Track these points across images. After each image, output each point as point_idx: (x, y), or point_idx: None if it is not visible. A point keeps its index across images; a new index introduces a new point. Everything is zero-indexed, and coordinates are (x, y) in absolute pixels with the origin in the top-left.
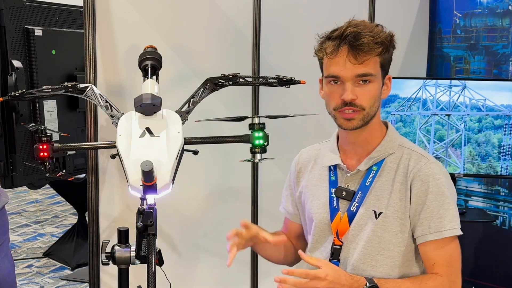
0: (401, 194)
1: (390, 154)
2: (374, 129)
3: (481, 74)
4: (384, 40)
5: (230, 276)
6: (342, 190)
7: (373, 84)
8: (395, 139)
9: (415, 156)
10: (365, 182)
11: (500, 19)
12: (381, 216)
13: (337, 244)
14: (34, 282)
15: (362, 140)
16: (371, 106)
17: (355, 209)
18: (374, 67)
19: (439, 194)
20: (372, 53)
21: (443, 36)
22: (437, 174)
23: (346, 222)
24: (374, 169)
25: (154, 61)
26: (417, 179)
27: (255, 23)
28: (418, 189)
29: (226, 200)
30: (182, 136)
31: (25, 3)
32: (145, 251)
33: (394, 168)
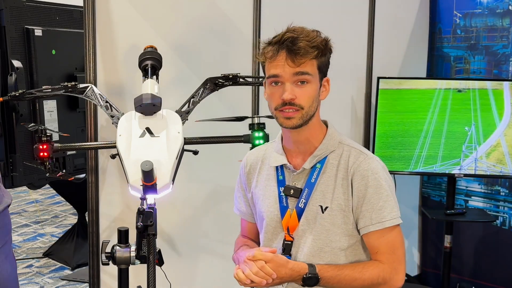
0: (344, 188)
1: (331, 151)
2: (314, 128)
3: (481, 74)
4: (319, 44)
5: (230, 276)
6: (290, 188)
7: (311, 85)
8: (335, 137)
9: (354, 152)
10: (310, 179)
11: (500, 19)
12: (327, 210)
13: (288, 240)
14: (34, 282)
15: (304, 139)
16: (309, 106)
17: (303, 205)
18: (311, 69)
19: (377, 187)
20: (308, 56)
21: (443, 36)
22: (375, 168)
23: (296, 218)
24: (318, 167)
25: (154, 61)
26: (357, 174)
27: (255, 24)
28: (358, 183)
29: (226, 200)
30: (182, 136)
31: (25, 3)
32: (145, 251)
33: (336, 164)
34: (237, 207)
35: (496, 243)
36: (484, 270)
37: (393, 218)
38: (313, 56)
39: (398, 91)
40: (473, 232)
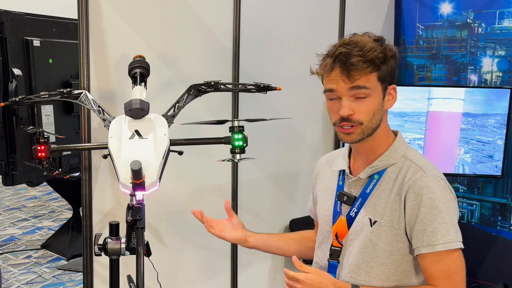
0: (396, 205)
1: (392, 164)
2: (378, 138)
3: (442, 81)
4: (374, 58)
5: (212, 265)
6: (343, 195)
7: (370, 99)
8: (400, 149)
9: (413, 168)
10: (365, 190)
11: (459, 31)
12: (375, 224)
13: (336, 245)
14: (33, 272)
15: (366, 150)
16: (369, 120)
17: (354, 215)
18: (369, 83)
19: (432, 207)
20: (362, 72)
21: (407, 46)
22: (432, 187)
23: (345, 225)
24: (376, 178)
25: (142, 69)
26: (411, 192)
27: (235, 35)
28: (412, 201)
29: (208, 196)
30: (168, 138)
31: (25, 16)
32: (134, 243)
33: (394, 178)
34: (309, 206)
35: None
36: None
37: (446, 242)
38: (368, 71)
39: None
40: None
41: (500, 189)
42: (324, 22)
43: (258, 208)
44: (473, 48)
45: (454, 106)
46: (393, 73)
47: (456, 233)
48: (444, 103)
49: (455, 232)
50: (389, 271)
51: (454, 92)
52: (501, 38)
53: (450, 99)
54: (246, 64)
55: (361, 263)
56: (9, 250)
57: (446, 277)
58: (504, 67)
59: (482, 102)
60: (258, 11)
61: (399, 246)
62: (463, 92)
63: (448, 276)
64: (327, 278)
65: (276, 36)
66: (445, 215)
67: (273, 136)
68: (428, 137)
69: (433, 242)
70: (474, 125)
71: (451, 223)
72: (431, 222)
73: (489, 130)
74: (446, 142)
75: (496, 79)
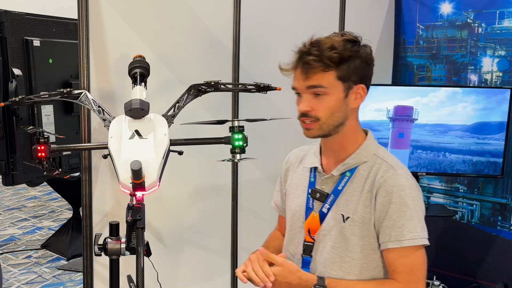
0: (367, 201)
1: (363, 162)
2: (347, 136)
3: (442, 81)
4: (328, 58)
5: (212, 265)
6: (316, 192)
7: (328, 96)
8: (371, 148)
9: (384, 166)
10: (337, 187)
11: (459, 31)
12: (348, 220)
13: (308, 241)
14: (33, 272)
15: (336, 147)
16: (328, 117)
17: (326, 211)
18: (326, 81)
19: (401, 204)
20: (317, 71)
21: (407, 46)
22: (402, 185)
23: (318, 221)
24: (347, 175)
25: (142, 69)
26: (382, 189)
27: (235, 35)
28: (382, 198)
29: (208, 197)
30: (168, 138)
31: (25, 16)
32: (134, 243)
33: (365, 176)
34: (274, 200)
35: (455, 236)
36: (444, 260)
37: (413, 239)
38: (321, 69)
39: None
40: (434, 225)
41: (500, 189)
42: (324, 22)
43: (258, 208)
44: (473, 48)
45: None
46: (360, 73)
47: (422, 230)
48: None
49: (421, 229)
50: (362, 265)
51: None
52: (501, 38)
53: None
54: (246, 64)
55: (335, 258)
56: (9, 250)
57: (408, 273)
58: (504, 67)
59: (482, 102)
60: (258, 11)
61: (371, 241)
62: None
63: (411, 271)
64: (293, 271)
65: (276, 36)
66: (413, 213)
67: (273, 136)
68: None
69: (400, 237)
70: (474, 125)
71: (418, 220)
72: (399, 219)
73: (489, 130)
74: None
75: (496, 79)
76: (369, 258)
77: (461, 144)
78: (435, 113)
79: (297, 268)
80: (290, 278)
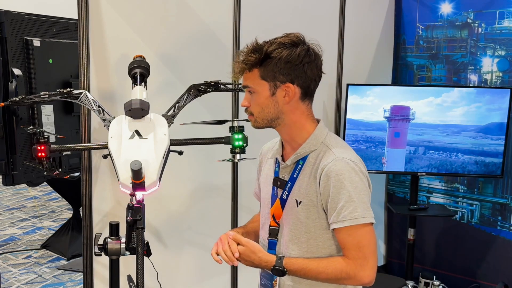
0: (315, 186)
1: (313, 150)
2: (291, 129)
3: (442, 81)
4: (245, 60)
5: (212, 265)
6: (277, 180)
7: (256, 94)
8: (319, 137)
9: (328, 153)
10: (293, 174)
11: (459, 31)
12: (300, 204)
13: (273, 225)
14: (33, 272)
15: (286, 138)
16: (259, 112)
17: (285, 197)
18: (251, 81)
19: (340, 187)
20: (242, 71)
21: (407, 46)
22: (340, 170)
23: (280, 207)
24: (301, 163)
25: (142, 69)
26: (324, 175)
27: (235, 35)
28: (324, 183)
29: (208, 197)
30: (168, 138)
31: (25, 16)
32: (134, 243)
33: (313, 162)
34: (254, 190)
35: (455, 236)
36: (444, 260)
37: (354, 218)
38: (243, 70)
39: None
40: (435, 225)
41: (500, 189)
42: (324, 22)
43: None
44: (473, 48)
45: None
46: (285, 73)
47: (363, 210)
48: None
49: (362, 209)
50: (317, 244)
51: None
52: (501, 38)
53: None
54: None
55: (293, 239)
56: (9, 250)
57: (356, 249)
58: (504, 67)
59: (482, 102)
60: (258, 11)
61: (321, 223)
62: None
63: (358, 248)
64: (255, 251)
65: (276, 36)
66: (352, 194)
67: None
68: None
69: (342, 218)
70: (474, 124)
71: (358, 201)
72: (339, 201)
73: (489, 130)
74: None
75: (496, 79)
76: (323, 237)
77: (474, 145)
78: (449, 114)
79: (259, 248)
80: (252, 258)
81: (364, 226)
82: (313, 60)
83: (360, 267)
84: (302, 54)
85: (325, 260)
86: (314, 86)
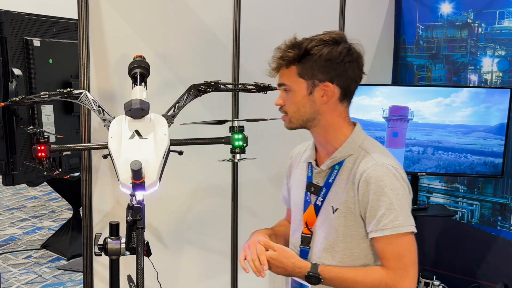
0: (353, 192)
1: (350, 155)
2: (327, 131)
3: (442, 81)
4: (284, 56)
5: (212, 265)
6: (311, 186)
7: (292, 93)
8: (357, 140)
9: (367, 158)
10: (328, 179)
11: (459, 31)
12: (337, 211)
13: (305, 233)
14: (33, 272)
15: (321, 141)
16: (294, 111)
17: (320, 203)
18: (287, 78)
19: (381, 194)
20: (279, 68)
21: (407, 46)
22: (381, 176)
23: (313, 214)
24: (337, 168)
25: (142, 69)
26: (362, 181)
27: (235, 35)
28: (363, 189)
29: (208, 197)
30: (168, 138)
31: (25, 16)
32: (134, 243)
33: (350, 168)
34: (282, 195)
35: (455, 236)
36: (444, 260)
37: (395, 227)
38: (283, 66)
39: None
40: (435, 225)
41: (500, 189)
42: (324, 22)
43: (258, 208)
44: (473, 48)
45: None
46: (326, 71)
47: (405, 218)
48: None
49: (404, 217)
50: (353, 254)
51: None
52: (501, 38)
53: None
54: (246, 64)
55: (327, 248)
56: (9, 250)
57: (396, 259)
58: (504, 67)
59: (482, 102)
60: (258, 11)
61: (359, 231)
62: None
63: (398, 258)
64: (288, 256)
65: (276, 36)
66: (394, 201)
67: (273, 136)
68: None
69: (382, 227)
70: (474, 125)
71: (400, 209)
72: (380, 208)
73: (489, 130)
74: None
75: (496, 79)
76: (360, 247)
77: (484, 145)
78: (458, 114)
79: (292, 254)
80: (285, 263)
81: (405, 235)
82: (355, 60)
83: (400, 278)
84: (344, 52)
85: (363, 269)
86: (354, 87)
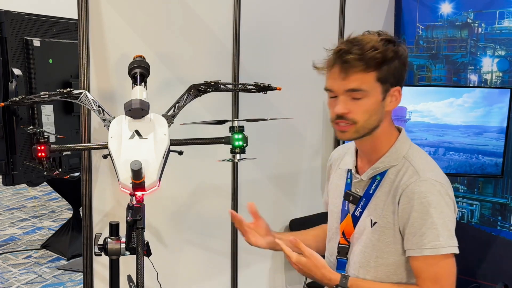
0: (393, 206)
1: (392, 166)
2: (379, 139)
3: (442, 81)
4: (371, 57)
5: (212, 265)
6: (349, 195)
7: (367, 99)
8: (401, 150)
9: (410, 171)
10: (369, 190)
11: (459, 31)
12: (375, 225)
13: (343, 243)
14: (33, 272)
15: (368, 149)
16: (366, 120)
17: (358, 214)
18: (365, 84)
19: (423, 212)
20: (358, 71)
21: (407, 46)
22: (424, 192)
23: (351, 224)
24: (378, 179)
25: (142, 69)
26: (404, 195)
27: (235, 35)
28: (404, 205)
29: (208, 197)
30: (168, 138)
31: (25, 16)
32: (134, 243)
33: (392, 180)
34: (324, 199)
35: None
36: None
37: (434, 248)
38: (362, 70)
39: None
40: None
41: (500, 189)
42: (324, 22)
43: (258, 208)
44: (473, 48)
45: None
46: (398, 74)
47: (447, 239)
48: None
49: (446, 237)
50: (389, 270)
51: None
52: (501, 38)
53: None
54: (246, 64)
55: (362, 262)
56: (9, 250)
57: (433, 280)
58: (504, 67)
59: (482, 102)
60: (258, 11)
61: (397, 247)
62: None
63: (435, 279)
64: (318, 266)
65: (276, 36)
66: (436, 220)
67: (273, 136)
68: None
69: (421, 246)
70: (474, 125)
71: (442, 228)
72: (420, 227)
73: (489, 130)
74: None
75: (496, 79)
76: (396, 263)
77: (496, 146)
78: (470, 114)
79: (323, 264)
80: (314, 272)
81: (445, 257)
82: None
83: None
84: (405, 54)
85: (396, 286)
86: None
